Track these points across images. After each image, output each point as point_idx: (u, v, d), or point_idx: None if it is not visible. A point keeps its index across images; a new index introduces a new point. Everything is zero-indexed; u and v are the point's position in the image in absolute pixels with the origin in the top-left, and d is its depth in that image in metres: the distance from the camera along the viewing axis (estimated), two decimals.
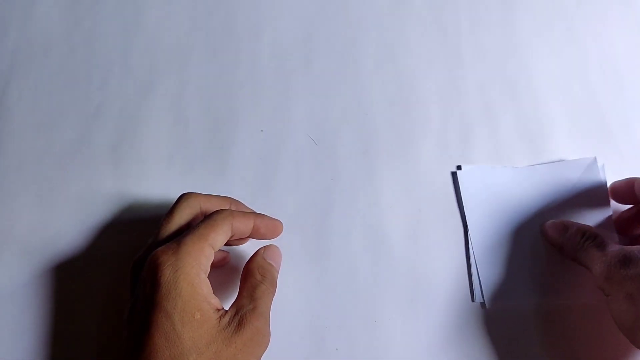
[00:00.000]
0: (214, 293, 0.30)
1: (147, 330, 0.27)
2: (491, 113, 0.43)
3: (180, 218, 0.33)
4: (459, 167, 0.41)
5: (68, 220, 0.39)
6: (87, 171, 0.41)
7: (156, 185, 0.40)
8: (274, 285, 0.32)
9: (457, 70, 0.45)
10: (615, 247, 0.33)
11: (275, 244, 0.35)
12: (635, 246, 0.32)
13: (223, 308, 0.30)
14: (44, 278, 0.37)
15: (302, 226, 0.38)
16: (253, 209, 0.37)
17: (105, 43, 0.46)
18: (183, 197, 0.34)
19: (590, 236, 0.35)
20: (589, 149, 0.41)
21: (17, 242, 0.38)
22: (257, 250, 0.34)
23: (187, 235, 0.30)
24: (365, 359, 0.34)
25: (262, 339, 0.30)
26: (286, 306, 0.35)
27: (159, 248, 0.30)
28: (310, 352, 0.34)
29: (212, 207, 0.34)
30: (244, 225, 0.33)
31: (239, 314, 0.29)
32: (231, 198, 0.36)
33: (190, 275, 0.29)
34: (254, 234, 0.34)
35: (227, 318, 0.29)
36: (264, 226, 0.35)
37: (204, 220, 0.32)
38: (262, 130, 0.42)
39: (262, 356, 0.30)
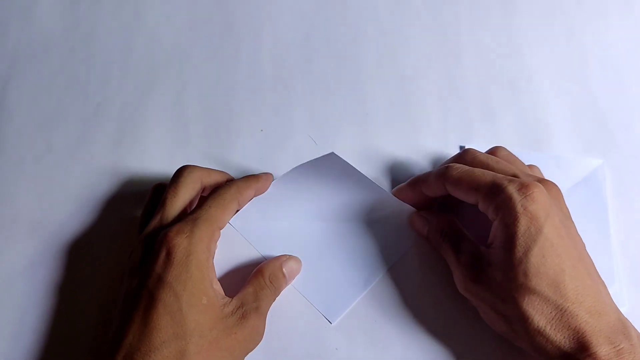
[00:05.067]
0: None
1: (153, 306, 0.28)
2: (491, 113, 0.43)
3: (186, 194, 0.34)
4: (462, 148, 0.41)
5: (68, 220, 0.39)
6: (87, 171, 0.41)
7: None
8: (277, 293, 0.34)
9: (457, 69, 0.45)
10: (467, 248, 0.32)
11: (299, 258, 0.36)
12: (484, 248, 0.31)
13: (226, 296, 0.31)
14: (44, 278, 0.37)
15: None
16: None
17: (105, 43, 0.46)
18: (185, 170, 0.34)
19: (447, 234, 0.34)
20: (588, 149, 0.41)
21: (17, 241, 0.38)
22: (280, 257, 0.35)
23: (199, 217, 0.31)
24: (365, 359, 0.34)
25: (257, 338, 0.31)
26: (286, 306, 0.35)
27: (173, 228, 0.30)
28: (310, 352, 0.34)
29: (212, 181, 0.35)
30: (248, 197, 0.35)
31: (243, 308, 0.30)
32: (228, 174, 0.37)
33: (201, 261, 0.30)
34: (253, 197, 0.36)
35: (230, 307, 0.30)
36: (261, 188, 0.36)
37: (213, 197, 0.33)
38: (262, 130, 0.42)
39: (260, 355, 0.32)
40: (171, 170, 0.40)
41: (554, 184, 0.32)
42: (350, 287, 0.36)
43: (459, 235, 0.34)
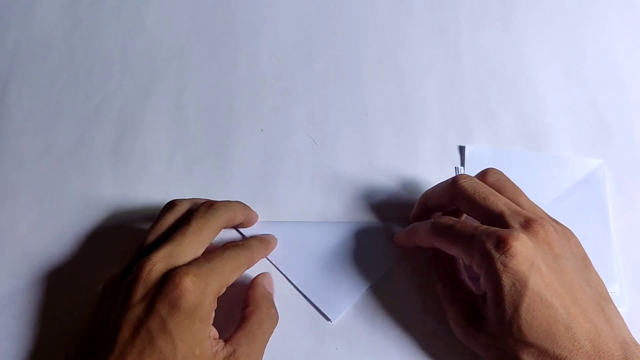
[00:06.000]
0: None
1: (149, 348, 0.27)
2: (491, 113, 0.43)
3: (209, 236, 0.32)
4: (462, 148, 0.41)
5: (68, 220, 0.39)
6: (87, 171, 0.41)
7: (156, 185, 0.40)
8: (277, 317, 0.33)
9: (457, 70, 0.45)
10: (464, 297, 0.32)
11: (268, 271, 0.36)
12: (479, 299, 0.31)
13: (218, 338, 0.30)
14: (44, 277, 0.37)
15: None
16: (253, 209, 0.37)
17: (105, 43, 0.46)
18: (217, 212, 0.33)
19: (443, 276, 0.33)
20: (588, 149, 0.41)
21: (17, 241, 0.38)
22: (256, 280, 0.35)
23: (215, 269, 0.30)
24: (365, 359, 0.34)
25: None
26: (286, 306, 0.35)
27: (189, 272, 0.29)
28: (311, 352, 0.34)
29: (232, 223, 0.35)
30: (257, 261, 0.35)
31: (234, 356, 0.30)
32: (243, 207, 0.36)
33: (205, 313, 0.29)
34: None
35: (222, 355, 0.29)
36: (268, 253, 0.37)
37: (231, 254, 0.32)
38: (262, 130, 0.42)
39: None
40: (171, 170, 0.41)
41: (546, 221, 0.30)
42: (351, 286, 0.36)
43: (456, 280, 0.33)
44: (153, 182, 0.40)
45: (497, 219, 0.30)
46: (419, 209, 0.37)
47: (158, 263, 0.29)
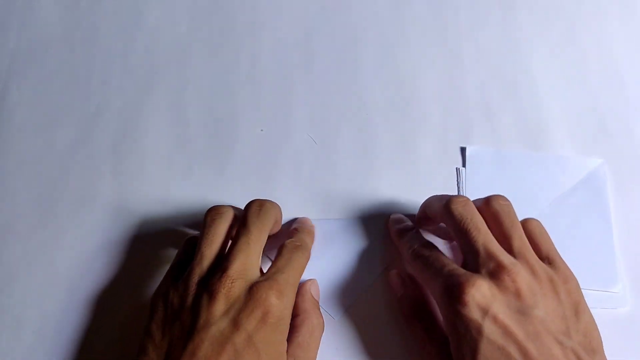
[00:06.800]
0: None
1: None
2: (491, 113, 0.43)
3: (261, 244, 0.32)
4: (463, 149, 0.41)
5: (68, 220, 0.39)
6: (87, 171, 0.41)
7: (156, 185, 0.40)
8: (323, 327, 0.33)
9: (457, 70, 0.45)
10: (437, 336, 0.31)
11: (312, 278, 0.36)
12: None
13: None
14: (44, 277, 0.37)
15: None
16: None
17: (105, 43, 0.46)
18: (271, 214, 0.33)
19: (419, 313, 0.33)
20: (588, 149, 0.41)
21: (17, 241, 0.38)
22: (304, 288, 0.34)
23: (290, 283, 0.30)
24: (365, 359, 0.34)
25: None
26: None
27: (272, 286, 0.29)
28: None
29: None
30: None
31: None
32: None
33: (286, 327, 0.30)
34: None
35: None
36: None
37: (295, 260, 0.32)
38: (262, 130, 0.42)
39: None
40: (171, 170, 0.41)
41: (516, 271, 0.29)
42: (352, 283, 0.36)
43: (431, 318, 0.33)
44: (153, 182, 0.40)
45: (472, 257, 0.30)
46: (422, 213, 0.37)
47: (238, 280, 0.29)
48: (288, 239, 0.34)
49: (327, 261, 0.37)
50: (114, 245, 0.38)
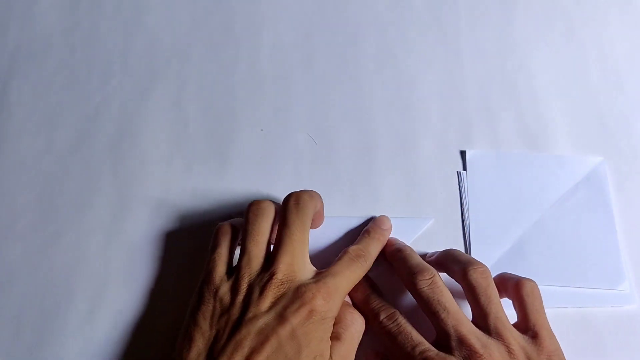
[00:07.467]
0: None
1: (277, 352, 0.29)
2: (491, 113, 0.43)
3: (307, 241, 0.33)
4: (463, 152, 0.41)
5: (68, 220, 0.39)
6: (87, 171, 0.41)
7: (156, 185, 0.40)
8: (362, 322, 0.33)
9: (457, 70, 0.45)
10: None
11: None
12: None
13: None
14: (44, 277, 0.37)
15: None
16: None
17: (105, 43, 0.46)
18: (309, 210, 0.34)
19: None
20: (588, 148, 0.41)
21: (17, 241, 0.38)
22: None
23: (341, 288, 0.31)
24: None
25: None
26: None
27: (319, 288, 0.30)
28: None
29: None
30: None
31: None
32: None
33: (329, 326, 0.30)
34: None
35: None
36: None
37: (353, 270, 0.33)
38: (262, 130, 0.42)
39: None
40: (171, 169, 0.41)
41: (487, 356, 0.29)
42: None
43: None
44: (153, 182, 0.40)
45: (445, 339, 0.30)
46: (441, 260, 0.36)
47: (286, 282, 0.31)
48: (355, 242, 0.35)
49: (326, 260, 0.37)
50: (114, 245, 0.38)
